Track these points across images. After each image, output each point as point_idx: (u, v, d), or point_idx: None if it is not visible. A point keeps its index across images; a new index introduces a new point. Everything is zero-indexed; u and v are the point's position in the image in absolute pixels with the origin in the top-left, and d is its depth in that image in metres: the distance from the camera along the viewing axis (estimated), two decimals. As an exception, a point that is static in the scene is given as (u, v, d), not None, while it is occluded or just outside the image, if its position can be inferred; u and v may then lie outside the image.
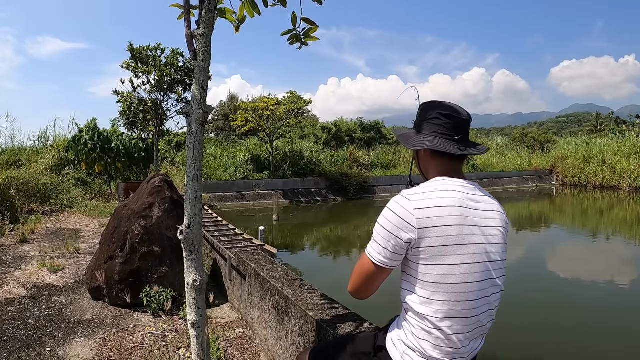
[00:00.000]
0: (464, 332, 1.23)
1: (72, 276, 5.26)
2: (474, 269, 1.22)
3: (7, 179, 10.27)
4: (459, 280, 1.21)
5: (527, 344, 4.58)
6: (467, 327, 1.24)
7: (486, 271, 1.24)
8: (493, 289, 1.27)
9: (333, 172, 19.35)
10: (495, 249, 1.27)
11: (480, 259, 1.23)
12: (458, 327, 1.22)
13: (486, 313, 1.27)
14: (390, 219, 1.24)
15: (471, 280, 1.22)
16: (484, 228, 1.25)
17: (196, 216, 1.80)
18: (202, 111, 1.76)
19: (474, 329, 1.25)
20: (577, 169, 24.62)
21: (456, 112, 1.33)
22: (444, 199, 1.23)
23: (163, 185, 4.68)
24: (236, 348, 3.43)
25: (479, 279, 1.23)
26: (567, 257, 9.44)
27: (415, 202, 1.22)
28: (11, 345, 3.35)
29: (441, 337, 1.22)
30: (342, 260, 9.02)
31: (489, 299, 1.27)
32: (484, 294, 1.25)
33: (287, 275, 3.38)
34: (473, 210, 1.25)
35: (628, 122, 31.32)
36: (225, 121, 28.83)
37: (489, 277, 1.25)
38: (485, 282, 1.24)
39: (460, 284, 1.21)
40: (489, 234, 1.26)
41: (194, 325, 1.86)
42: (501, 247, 1.29)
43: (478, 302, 1.24)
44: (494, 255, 1.26)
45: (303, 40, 2.22)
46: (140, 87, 13.28)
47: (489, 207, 1.30)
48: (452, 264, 1.20)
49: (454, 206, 1.22)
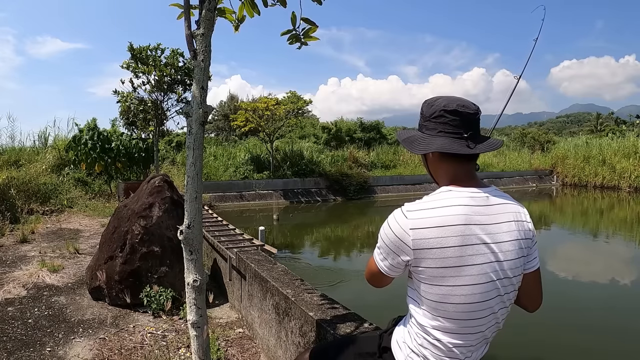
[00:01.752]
0: (466, 345, 1.20)
1: (72, 276, 5.26)
2: (478, 289, 1.14)
3: (7, 179, 10.27)
4: (461, 301, 1.14)
5: (527, 344, 4.57)
6: (470, 342, 1.20)
7: (494, 289, 1.16)
8: (501, 304, 1.20)
9: (333, 172, 19.36)
10: (509, 265, 1.17)
11: (487, 278, 1.15)
12: (460, 342, 1.19)
13: (492, 327, 1.22)
14: (388, 236, 1.19)
15: (475, 301, 1.15)
16: (494, 245, 1.15)
17: (196, 216, 1.80)
18: (202, 111, 1.75)
19: (477, 343, 1.22)
20: (577, 169, 24.63)
21: (463, 107, 1.19)
22: (445, 217, 1.13)
23: (163, 185, 4.68)
24: (236, 348, 3.43)
25: (484, 298, 1.16)
26: (567, 257, 9.44)
27: (413, 220, 1.14)
28: (11, 345, 3.35)
29: (442, 349, 1.19)
30: (342, 260, 9.02)
31: (496, 315, 1.21)
32: (490, 312, 1.19)
33: (287, 275, 3.38)
34: (481, 226, 1.14)
35: (628, 122, 31.34)
36: (225, 121, 28.84)
37: (497, 295, 1.17)
38: (492, 301, 1.17)
39: (463, 304, 1.15)
40: (500, 250, 1.15)
41: (194, 325, 1.86)
42: (517, 262, 1.19)
43: (483, 320, 1.18)
44: (507, 272, 1.17)
45: (303, 40, 2.22)
46: (140, 87, 13.30)
47: (504, 217, 1.18)
48: (453, 285, 1.14)
49: (456, 225, 1.12)
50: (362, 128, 27.16)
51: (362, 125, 27.31)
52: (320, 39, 2.24)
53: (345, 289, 6.38)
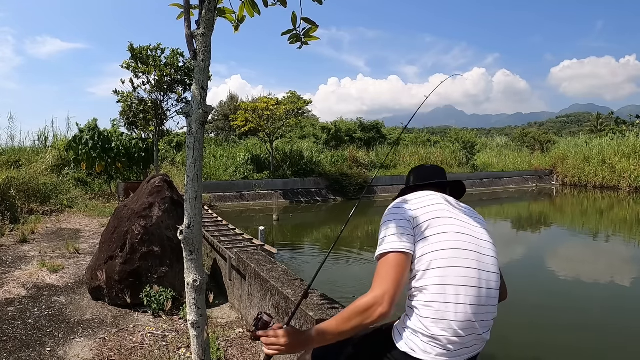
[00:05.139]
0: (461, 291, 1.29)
1: (72, 276, 5.26)
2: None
3: (7, 179, 10.28)
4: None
5: (527, 344, 4.57)
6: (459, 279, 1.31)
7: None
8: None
9: (333, 172, 19.35)
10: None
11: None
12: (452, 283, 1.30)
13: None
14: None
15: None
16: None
17: (196, 216, 1.80)
18: (202, 111, 1.75)
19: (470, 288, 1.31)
20: (577, 169, 24.63)
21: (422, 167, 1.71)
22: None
23: (163, 185, 4.68)
24: (236, 348, 3.43)
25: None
26: (567, 258, 9.43)
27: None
28: (11, 345, 3.35)
29: (440, 302, 1.27)
30: (342, 260, 9.02)
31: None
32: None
33: (287, 275, 3.38)
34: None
35: (628, 122, 31.33)
36: (225, 121, 28.85)
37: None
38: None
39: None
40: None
41: (194, 325, 1.86)
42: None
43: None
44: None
45: (303, 39, 2.22)
46: (140, 87, 13.30)
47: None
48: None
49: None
50: (362, 128, 27.16)
51: (362, 125, 27.31)
52: (320, 39, 2.24)
53: (346, 289, 6.37)
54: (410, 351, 1.29)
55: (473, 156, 25.84)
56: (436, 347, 1.26)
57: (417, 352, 1.28)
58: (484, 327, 1.32)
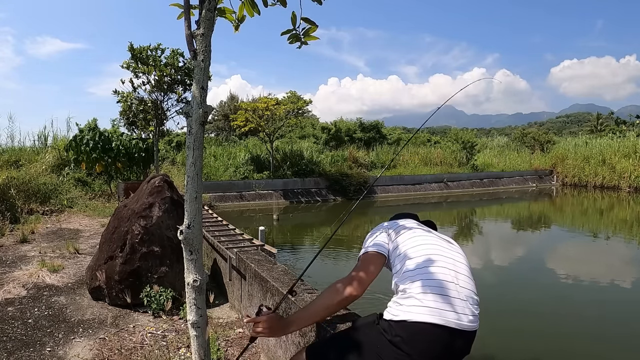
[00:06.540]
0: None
1: (72, 276, 5.26)
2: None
3: (7, 179, 10.27)
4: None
5: (527, 344, 4.57)
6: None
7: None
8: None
9: (333, 172, 19.35)
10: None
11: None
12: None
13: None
14: None
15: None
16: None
17: (196, 216, 1.80)
18: (202, 111, 1.75)
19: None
20: (577, 169, 24.63)
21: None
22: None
23: (163, 185, 4.68)
24: (236, 348, 3.42)
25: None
26: (567, 258, 9.43)
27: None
28: (11, 345, 3.35)
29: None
30: (342, 260, 9.02)
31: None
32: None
33: (287, 275, 3.38)
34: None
35: (628, 122, 31.35)
36: (225, 121, 28.86)
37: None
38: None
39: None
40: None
41: (194, 325, 1.86)
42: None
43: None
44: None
45: (303, 39, 2.22)
46: (140, 87, 13.31)
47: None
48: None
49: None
50: (362, 128, 27.18)
51: (362, 125, 27.33)
52: (320, 39, 2.24)
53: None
54: (393, 317, 1.46)
55: (473, 156, 25.85)
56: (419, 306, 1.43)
57: (400, 315, 1.44)
58: (469, 298, 1.46)
